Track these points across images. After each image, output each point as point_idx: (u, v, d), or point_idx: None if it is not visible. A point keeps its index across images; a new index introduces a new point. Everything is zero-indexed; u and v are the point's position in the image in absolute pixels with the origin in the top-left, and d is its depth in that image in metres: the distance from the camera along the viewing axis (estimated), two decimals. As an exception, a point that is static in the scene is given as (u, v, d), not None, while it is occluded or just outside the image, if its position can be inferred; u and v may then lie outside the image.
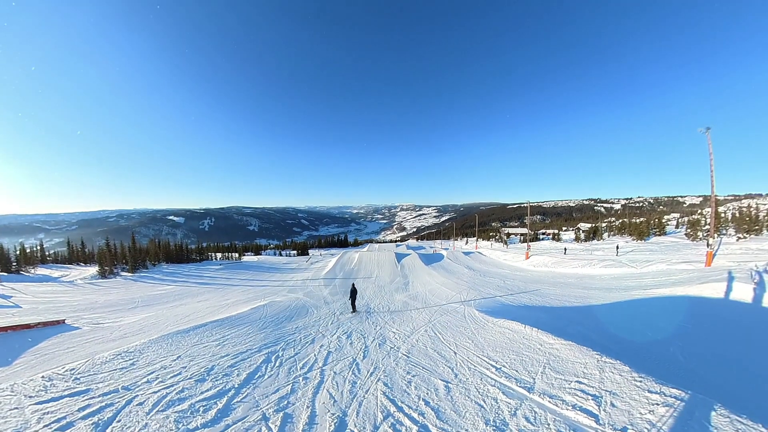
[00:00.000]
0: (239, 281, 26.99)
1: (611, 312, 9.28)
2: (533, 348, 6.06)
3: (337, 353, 7.06)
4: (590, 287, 14.03)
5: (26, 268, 31.72)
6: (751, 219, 31.20)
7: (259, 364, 6.29)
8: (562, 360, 5.33)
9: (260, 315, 11.16)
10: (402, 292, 16.92)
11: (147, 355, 6.73)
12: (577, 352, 5.42)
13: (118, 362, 6.21)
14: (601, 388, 4.27)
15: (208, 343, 7.66)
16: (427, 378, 5.43)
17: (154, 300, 18.61)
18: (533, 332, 6.69)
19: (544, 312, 9.69)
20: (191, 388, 5.13)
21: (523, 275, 21.11)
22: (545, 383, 4.71)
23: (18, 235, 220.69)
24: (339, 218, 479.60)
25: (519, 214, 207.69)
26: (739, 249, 22.22)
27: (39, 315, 14.19)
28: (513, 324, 7.45)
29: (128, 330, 10.99)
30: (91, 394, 4.87)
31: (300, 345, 7.74)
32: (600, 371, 4.70)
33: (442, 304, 11.93)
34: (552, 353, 5.65)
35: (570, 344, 5.73)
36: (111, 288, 24.09)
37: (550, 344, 6.00)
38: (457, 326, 8.52)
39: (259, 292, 19.61)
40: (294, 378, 5.66)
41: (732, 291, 9.40)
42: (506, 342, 6.67)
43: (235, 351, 7.12)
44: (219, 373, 5.79)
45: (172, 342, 7.63)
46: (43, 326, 11.30)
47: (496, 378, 5.15)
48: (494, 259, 34.36)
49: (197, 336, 8.22)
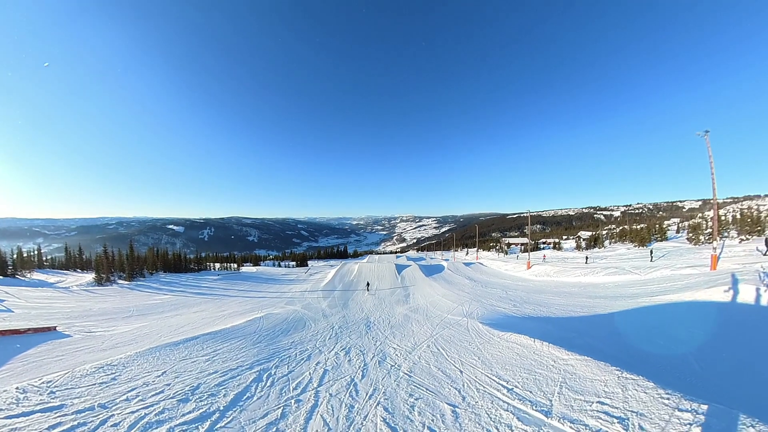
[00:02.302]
0: (237, 292, 26.53)
1: (619, 321, 8.94)
2: (546, 365, 5.52)
3: (334, 372, 6.55)
4: (595, 296, 13.67)
5: (22, 273, 31.57)
6: (753, 220, 31.00)
7: (249, 383, 5.82)
8: (580, 378, 4.80)
9: (255, 328, 10.67)
10: (403, 304, 16.50)
11: (131, 369, 6.25)
12: (595, 368, 4.90)
13: (99, 376, 5.76)
14: (627, 409, 3.79)
15: (197, 358, 7.19)
16: (431, 401, 4.89)
17: (149, 309, 18.22)
18: (544, 347, 6.15)
19: (549, 323, 9.31)
20: (172, 409, 4.65)
21: (525, 285, 20.70)
22: (564, 405, 4.20)
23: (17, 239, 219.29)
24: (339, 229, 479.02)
25: (519, 223, 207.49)
26: (742, 251, 21.97)
27: (30, 321, 14.01)
28: (521, 338, 6.96)
29: (120, 340, 10.65)
30: (65, 410, 4.45)
31: (295, 362, 7.27)
32: (622, 389, 4.19)
33: (444, 317, 11.53)
34: (567, 370, 5.13)
35: (586, 359, 5.21)
36: (106, 296, 23.69)
37: (564, 360, 5.47)
38: (461, 341, 8.07)
39: (257, 304, 19.14)
40: (286, 400, 5.17)
41: (742, 294, 9.14)
42: (516, 358, 6.12)
43: (225, 367, 6.64)
44: (204, 392, 5.33)
45: (160, 356, 7.16)
46: (33, 332, 11.09)
47: (508, 401, 4.60)
48: (495, 269, 33.91)
49: (187, 350, 7.77)
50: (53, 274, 34.89)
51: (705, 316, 8.36)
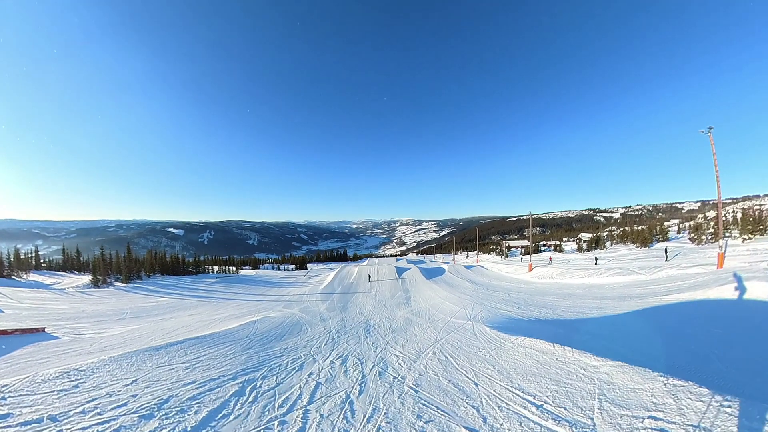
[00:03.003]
0: (234, 295, 26.09)
1: (632, 322, 8.64)
2: (575, 374, 4.69)
3: (328, 385, 5.70)
4: (601, 297, 13.33)
5: (18, 273, 31.28)
6: (755, 219, 30.80)
7: (228, 398, 5.03)
8: (620, 388, 4.02)
9: (248, 332, 10.17)
10: (403, 307, 16.07)
11: (99, 376, 5.55)
12: (634, 375, 4.15)
13: (60, 382, 5.15)
14: (687, 423, 3.09)
15: (175, 365, 6.45)
16: (445, 426, 3.94)
17: (143, 312, 17.83)
18: (567, 352, 5.36)
19: (558, 326, 8.91)
20: (131, 426, 3.97)
21: (528, 287, 20.32)
22: (609, 424, 3.42)
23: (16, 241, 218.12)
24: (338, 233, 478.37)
25: (519, 226, 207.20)
26: (746, 250, 21.71)
27: (20, 321, 13.73)
28: (538, 342, 6.15)
29: (109, 342, 10.24)
30: (9, 421, 3.93)
31: (285, 372, 6.52)
32: (674, 399, 3.49)
33: (448, 320, 11.10)
34: (602, 379, 4.34)
35: (621, 366, 4.45)
36: (102, 298, 23.32)
37: (595, 367, 4.68)
38: (469, 346, 7.35)
39: (254, 307, 18.71)
40: (267, 422, 4.28)
41: (754, 291, 9.00)
42: (537, 367, 5.29)
43: (205, 377, 5.86)
44: (174, 407, 4.56)
45: (135, 361, 6.49)
46: (21, 333, 10.87)
47: (541, 421, 3.73)
48: (496, 272, 33.52)
49: (167, 355, 7.09)
50: (50, 275, 34.57)
51: (720, 313, 8.18)
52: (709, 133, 16.68)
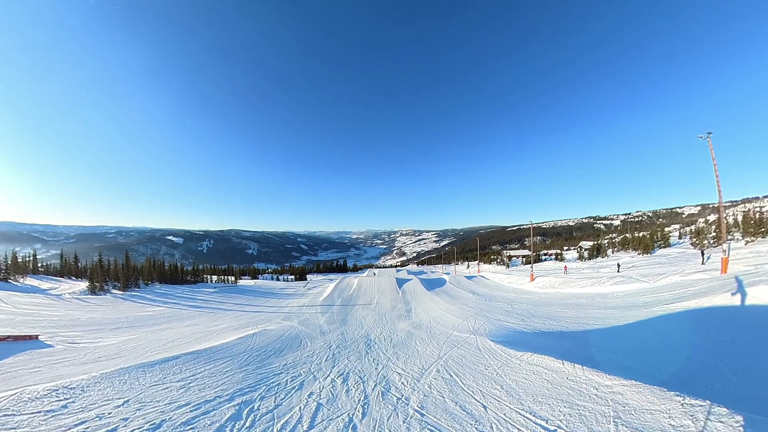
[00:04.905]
0: (233, 306, 25.70)
1: (638, 332, 8.42)
2: (587, 394, 4.43)
3: (329, 407, 5.37)
4: (605, 306, 13.10)
5: (15, 277, 30.85)
6: (756, 222, 30.70)
7: (224, 422, 4.69)
8: (635, 410, 3.81)
9: (246, 347, 9.84)
10: (404, 320, 15.78)
11: (89, 395, 5.23)
12: (649, 395, 3.96)
13: (48, 401, 4.83)
14: None
15: (170, 384, 6.10)
16: None
17: (140, 321, 17.52)
18: (577, 370, 5.09)
19: (564, 338, 8.68)
20: None
21: (530, 298, 20.03)
22: None
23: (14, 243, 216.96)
24: (338, 243, 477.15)
25: (519, 236, 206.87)
26: (749, 253, 21.54)
27: (14, 327, 13.47)
28: (546, 359, 5.89)
29: (104, 353, 9.98)
30: None
31: (284, 391, 6.18)
32: (693, 420, 3.32)
33: (450, 334, 10.85)
34: (616, 400, 4.12)
35: (635, 385, 4.23)
36: (98, 305, 22.94)
37: (608, 387, 4.44)
38: (474, 363, 7.08)
39: (252, 319, 18.37)
40: None
41: (760, 296, 8.75)
42: (546, 386, 5.01)
43: (200, 398, 5.51)
44: None
45: (128, 379, 6.11)
46: (13, 340, 10.63)
47: None
48: (498, 282, 33.18)
49: (162, 372, 6.71)
50: (47, 280, 34.17)
51: (728, 321, 7.98)
52: (708, 139, 16.77)
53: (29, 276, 33.77)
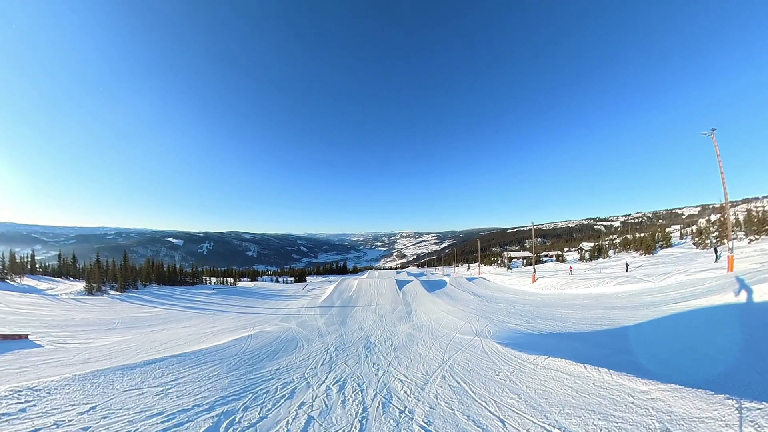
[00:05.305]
0: (231, 307, 25.42)
1: (650, 333, 8.08)
2: (623, 403, 3.74)
3: (321, 421, 4.58)
4: (611, 307, 12.76)
5: (12, 277, 30.65)
6: (760, 220, 30.58)
7: None
8: (684, 418, 3.21)
9: (239, 349, 9.44)
10: (405, 322, 15.40)
11: (54, 398, 4.72)
12: (696, 400, 3.39)
13: (8, 404, 4.34)
14: None
15: (146, 390, 5.50)
16: None
17: (135, 322, 17.27)
18: (605, 375, 4.39)
19: (574, 340, 8.30)
20: None
21: (533, 299, 19.67)
22: None
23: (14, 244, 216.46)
24: (338, 245, 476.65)
25: (519, 237, 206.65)
26: (754, 251, 21.31)
27: (4, 326, 13.27)
28: (564, 363, 5.18)
29: (94, 354, 9.67)
30: None
31: (271, 401, 5.45)
32: (756, 428, 2.77)
33: (453, 336, 10.47)
34: (659, 408, 3.47)
35: (677, 389, 3.59)
36: (94, 306, 22.69)
37: (645, 393, 3.78)
38: (482, 368, 6.36)
39: (250, 320, 18.05)
40: None
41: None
42: (572, 395, 4.25)
43: (175, 407, 4.82)
44: None
45: (102, 382, 5.56)
46: (2, 339, 10.48)
47: None
48: (499, 284, 32.81)
49: (141, 376, 6.13)
50: (44, 280, 34.00)
51: (743, 318, 7.67)
52: (712, 135, 16.50)
53: (27, 276, 33.64)
